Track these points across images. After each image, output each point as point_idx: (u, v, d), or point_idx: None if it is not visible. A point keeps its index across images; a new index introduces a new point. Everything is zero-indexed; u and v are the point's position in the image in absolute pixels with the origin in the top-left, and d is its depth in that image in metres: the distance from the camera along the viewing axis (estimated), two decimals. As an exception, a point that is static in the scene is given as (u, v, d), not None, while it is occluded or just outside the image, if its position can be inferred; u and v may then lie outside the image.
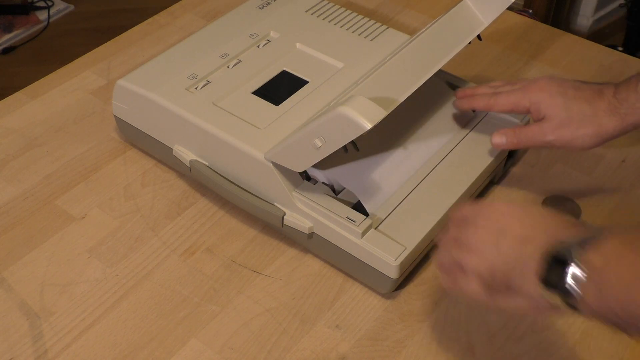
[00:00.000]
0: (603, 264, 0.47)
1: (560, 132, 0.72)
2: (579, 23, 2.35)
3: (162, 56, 0.84)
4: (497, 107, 0.76)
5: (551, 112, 0.72)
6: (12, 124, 0.89)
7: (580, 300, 0.48)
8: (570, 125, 0.72)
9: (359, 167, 0.74)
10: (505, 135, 0.75)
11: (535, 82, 0.75)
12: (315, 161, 0.66)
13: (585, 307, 0.48)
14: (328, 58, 0.83)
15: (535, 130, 0.73)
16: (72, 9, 2.48)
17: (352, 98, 0.61)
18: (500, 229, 0.55)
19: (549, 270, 0.50)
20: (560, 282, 0.49)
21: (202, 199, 0.80)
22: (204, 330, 0.68)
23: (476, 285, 0.56)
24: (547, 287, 0.50)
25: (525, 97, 0.74)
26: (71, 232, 0.77)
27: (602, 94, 0.72)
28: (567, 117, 0.72)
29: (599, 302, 0.47)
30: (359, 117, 0.59)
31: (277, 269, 0.74)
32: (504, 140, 0.75)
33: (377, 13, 1.08)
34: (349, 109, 0.60)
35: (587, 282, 0.48)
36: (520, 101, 0.75)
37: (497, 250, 0.54)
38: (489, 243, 0.55)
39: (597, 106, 0.71)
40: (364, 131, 0.60)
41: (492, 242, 0.55)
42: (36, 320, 0.69)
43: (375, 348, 0.67)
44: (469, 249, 0.56)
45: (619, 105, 0.71)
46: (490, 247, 0.54)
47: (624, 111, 0.70)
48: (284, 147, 0.67)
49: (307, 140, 0.64)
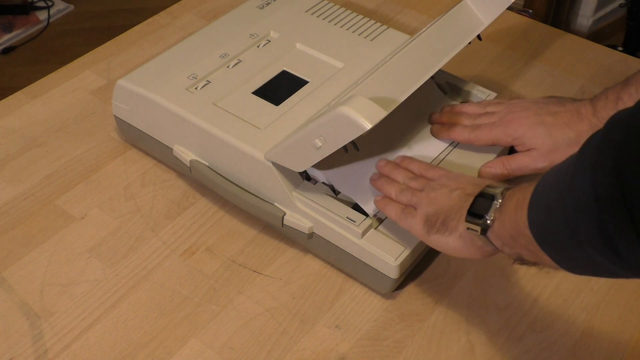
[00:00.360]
0: (508, 197, 0.58)
1: (551, 158, 0.74)
2: (579, 23, 2.35)
3: (162, 56, 0.84)
4: (478, 143, 0.78)
5: (536, 143, 0.75)
6: (12, 124, 0.89)
7: (490, 225, 0.58)
8: (558, 150, 0.74)
9: (360, 167, 0.74)
10: (494, 168, 0.76)
11: (512, 114, 0.76)
12: (316, 161, 0.66)
13: (492, 233, 0.58)
14: (328, 58, 0.83)
15: (526, 160, 0.75)
16: (72, 9, 2.48)
17: (352, 98, 0.61)
18: (459, 187, 0.65)
19: (474, 204, 0.60)
20: (482, 212, 0.59)
21: (202, 199, 0.80)
22: (204, 330, 0.68)
23: (420, 222, 0.65)
24: (471, 217, 0.60)
25: (506, 133, 0.76)
26: (71, 232, 0.77)
27: (581, 115, 0.73)
28: (552, 144, 0.74)
29: (500, 225, 0.57)
30: (359, 117, 0.59)
31: (277, 269, 0.74)
32: (493, 171, 0.76)
33: (377, 13, 1.08)
34: (349, 109, 0.60)
35: (496, 211, 0.58)
36: (501, 138, 0.76)
37: (448, 199, 0.64)
38: (445, 194, 0.65)
39: (579, 129, 0.73)
40: (364, 131, 0.60)
41: (447, 194, 0.65)
42: (36, 320, 0.69)
43: (375, 348, 0.67)
44: (428, 198, 0.66)
45: (599, 123, 0.71)
46: (445, 196, 0.65)
47: None
48: (284, 147, 0.67)
49: (307, 140, 0.64)
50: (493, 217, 0.58)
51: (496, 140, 0.77)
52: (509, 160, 0.76)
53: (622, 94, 0.71)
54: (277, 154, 0.69)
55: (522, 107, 0.77)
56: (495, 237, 0.58)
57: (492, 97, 0.84)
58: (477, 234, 0.59)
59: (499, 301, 0.71)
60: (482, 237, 0.59)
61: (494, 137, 0.76)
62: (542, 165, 0.75)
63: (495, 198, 0.59)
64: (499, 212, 0.58)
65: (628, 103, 0.70)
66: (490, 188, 0.61)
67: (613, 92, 0.72)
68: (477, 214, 0.59)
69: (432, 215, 0.64)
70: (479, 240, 0.60)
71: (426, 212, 0.65)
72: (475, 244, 0.61)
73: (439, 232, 0.63)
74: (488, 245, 0.59)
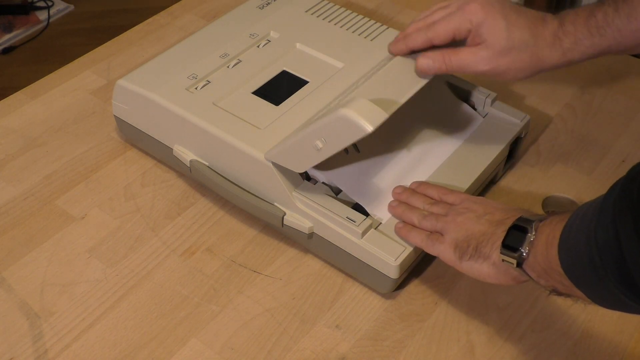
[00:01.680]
0: (539, 232, 0.58)
1: (497, 62, 0.67)
2: (579, 23, 2.35)
3: (162, 56, 0.83)
4: (438, 40, 0.69)
5: (491, 37, 0.67)
6: (12, 124, 0.89)
7: (525, 258, 0.58)
8: (509, 54, 0.67)
9: (360, 168, 0.74)
10: (432, 59, 0.69)
11: (473, 1, 0.68)
12: (316, 162, 0.66)
13: (527, 265, 0.58)
14: (328, 58, 0.83)
15: (470, 59, 0.68)
16: (72, 9, 2.47)
17: (353, 100, 0.61)
18: (486, 212, 0.65)
19: (508, 236, 0.60)
20: (516, 245, 0.59)
21: (202, 199, 0.80)
22: (204, 330, 0.68)
23: (449, 248, 0.65)
24: (505, 250, 0.59)
25: (465, 18, 0.68)
26: (71, 232, 0.77)
27: (546, 22, 0.68)
28: (507, 45, 0.67)
29: (534, 259, 0.57)
30: (360, 119, 0.59)
31: (277, 269, 0.74)
32: (430, 63, 0.69)
33: (377, 13, 1.08)
34: (351, 111, 0.60)
35: (529, 244, 0.58)
36: (461, 25, 0.68)
37: (477, 224, 0.64)
38: (473, 219, 0.64)
39: (539, 35, 0.67)
40: (365, 134, 0.60)
41: (476, 220, 0.64)
42: (36, 320, 0.69)
43: (375, 348, 0.67)
44: (455, 223, 0.65)
45: (563, 37, 0.67)
46: (474, 222, 0.64)
47: (568, 46, 0.67)
48: (285, 148, 0.67)
49: (308, 141, 0.64)
50: (527, 250, 0.58)
51: (455, 29, 0.68)
52: (450, 55, 0.68)
53: (595, 12, 0.66)
54: (277, 154, 0.69)
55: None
56: (531, 270, 0.58)
57: (492, 97, 0.83)
58: (512, 266, 0.59)
59: (499, 301, 0.71)
60: (517, 269, 0.59)
61: (452, 27, 0.68)
62: (484, 69, 0.68)
63: (528, 231, 0.58)
64: (532, 245, 0.58)
65: (601, 22, 0.65)
66: (523, 221, 0.60)
67: (585, 10, 0.67)
68: (512, 247, 0.59)
69: (463, 241, 0.64)
70: (515, 271, 0.60)
71: (455, 237, 0.64)
72: (511, 274, 0.61)
73: (471, 258, 0.63)
74: (523, 275, 0.60)
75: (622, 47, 0.66)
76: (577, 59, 0.67)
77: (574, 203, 0.81)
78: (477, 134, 0.80)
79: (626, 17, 0.65)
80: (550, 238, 0.55)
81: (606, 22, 0.65)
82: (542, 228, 0.58)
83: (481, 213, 0.65)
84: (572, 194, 0.82)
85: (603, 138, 0.89)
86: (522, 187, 0.83)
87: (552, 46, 0.67)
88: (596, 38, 0.66)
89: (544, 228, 0.57)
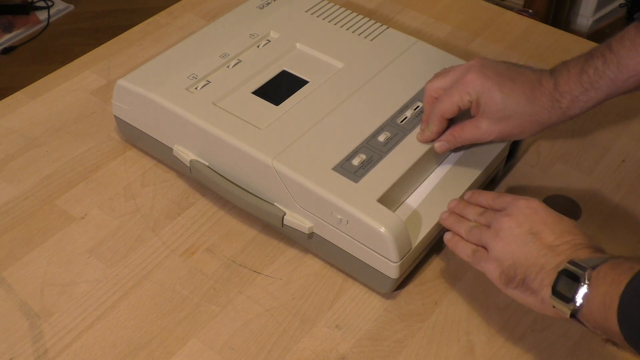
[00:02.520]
0: (594, 285, 0.55)
1: (499, 129, 0.71)
2: (579, 23, 2.35)
3: (162, 56, 0.84)
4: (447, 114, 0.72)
5: (489, 108, 0.70)
6: (12, 124, 0.89)
7: (579, 309, 0.56)
8: (509, 121, 0.70)
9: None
10: (446, 141, 0.73)
11: (469, 72, 0.70)
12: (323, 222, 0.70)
13: (582, 316, 0.56)
14: (328, 58, 0.83)
15: (474, 132, 0.72)
16: (72, 9, 2.48)
17: (395, 221, 0.66)
18: (532, 231, 0.61)
19: (558, 281, 0.57)
20: (568, 294, 0.56)
21: (202, 199, 0.80)
22: (204, 330, 0.68)
23: (495, 269, 0.62)
24: (557, 297, 0.57)
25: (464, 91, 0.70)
26: (71, 232, 0.77)
27: (542, 85, 0.69)
28: (504, 115, 0.70)
29: (588, 312, 0.55)
30: (393, 247, 0.66)
31: (277, 269, 0.74)
32: (445, 145, 0.74)
33: (377, 13, 1.08)
34: (390, 234, 0.65)
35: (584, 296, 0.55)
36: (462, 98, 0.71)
37: (524, 248, 0.61)
38: (519, 240, 0.61)
39: (536, 101, 0.69)
40: (387, 261, 0.66)
41: (522, 239, 0.61)
42: (36, 320, 0.69)
43: (375, 348, 0.67)
44: (500, 237, 0.62)
45: (560, 98, 0.68)
46: (520, 244, 0.61)
47: (566, 105, 0.68)
48: (301, 182, 0.69)
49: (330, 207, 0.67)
50: (582, 301, 0.55)
51: (459, 101, 0.71)
52: (459, 132, 0.73)
53: (586, 68, 0.67)
54: (287, 167, 0.70)
55: (479, 65, 0.71)
56: (586, 321, 0.56)
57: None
58: (565, 315, 0.57)
59: (499, 301, 0.71)
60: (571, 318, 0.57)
61: (455, 100, 0.71)
62: (492, 138, 0.72)
63: (581, 280, 0.55)
64: (586, 299, 0.55)
65: (593, 77, 0.66)
66: (575, 265, 0.57)
67: (576, 66, 0.68)
68: (564, 296, 0.56)
69: (509, 267, 0.61)
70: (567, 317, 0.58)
71: (501, 259, 0.62)
72: (562, 316, 0.58)
73: (518, 288, 0.61)
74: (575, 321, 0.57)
75: (620, 93, 0.68)
76: (578, 113, 0.69)
77: (574, 203, 0.81)
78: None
79: (616, 67, 0.66)
80: (608, 301, 0.53)
81: (598, 76, 0.67)
82: (596, 281, 0.55)
83: (526, 229, 0.61)
84: (572, 194, 0.82)
85: (603, 138, 0.89)
86: (522, 187, 0.83)
87: (552, 110, 0.69)
88: (592, 92, 0.67)
89: (600, 283, 0.54)
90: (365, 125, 0.75)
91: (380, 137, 0.74)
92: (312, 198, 0.69)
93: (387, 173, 0.70)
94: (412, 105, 0.78)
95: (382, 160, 0.72)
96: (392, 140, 0.74)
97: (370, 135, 0.74)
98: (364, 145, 0.73)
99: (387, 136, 0.74)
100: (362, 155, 0.71)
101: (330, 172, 0.70)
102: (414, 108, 0.78)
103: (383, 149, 0.73)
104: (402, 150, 0.73)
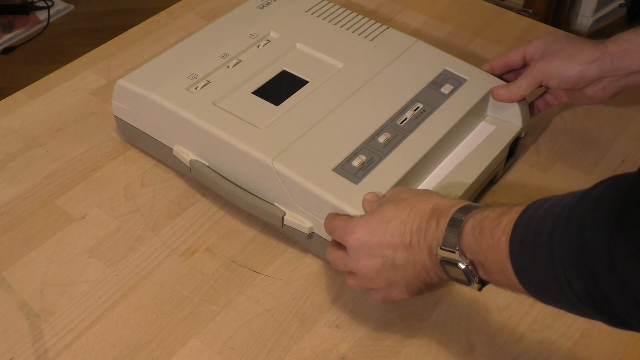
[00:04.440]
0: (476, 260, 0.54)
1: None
2: (579, 23, 2.35)
3: (162, 56, 0.84)
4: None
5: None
6: (12, 124, 0.89)
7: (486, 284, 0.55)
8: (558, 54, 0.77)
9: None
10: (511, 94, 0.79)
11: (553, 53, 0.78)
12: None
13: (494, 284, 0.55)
14: (328, 58, 0.83)
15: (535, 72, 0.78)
16: (72, 9, 2.48)
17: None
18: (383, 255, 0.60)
19: (449, 272, 0.56)
20: (462, 278, 0.55)
21: (202, 199, 0.80)
22: (204, 330, 0.68)
23: (401, 293, 0.62)
24: (458, 283, 0.56)
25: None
26: (71, 232, 0.77)
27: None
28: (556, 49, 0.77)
29: (495, 282, 0.54)
30: None
31: (277, 269, 0.74)
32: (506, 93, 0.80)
33: (377, 13, 1.08)
34: None
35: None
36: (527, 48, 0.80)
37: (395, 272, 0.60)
38: (383, 270, 0.60)
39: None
40: None
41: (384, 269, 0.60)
42: (36, 320, 0.69)
43: (375, 348, 0.67)
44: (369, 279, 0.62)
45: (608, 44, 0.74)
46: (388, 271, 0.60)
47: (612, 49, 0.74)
48: (301, 183, 0.69)
49: (331, 208, 0.67)
50: (479, 278, 0.55)
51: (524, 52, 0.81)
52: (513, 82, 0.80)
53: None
54: (287, 167, 0.69)
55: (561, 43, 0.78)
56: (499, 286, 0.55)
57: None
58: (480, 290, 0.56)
59: (499, 301, 0.71)
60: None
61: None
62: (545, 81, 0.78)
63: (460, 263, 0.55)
64: (476, 273, 0.55)
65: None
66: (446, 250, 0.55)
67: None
68: (462, 280, 0.56)
69: (410, 288, 0.61)
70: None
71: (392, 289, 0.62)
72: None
73: (429, 289, 0.62)
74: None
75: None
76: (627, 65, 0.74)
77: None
78: (477, 134, 0.80)
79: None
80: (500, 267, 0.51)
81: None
82: (474, 256, 0.54)
83: (379, 262, 0.60)
84: (572, 194, 0.82)
85: (603, 138, 0.89)
86: (522, 187, 0.83)
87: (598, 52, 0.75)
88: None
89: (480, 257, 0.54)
90: (366, 126, 0.75)
91: (380, 138, 0.74)
92: (312, 199, 0.69)
93: (387, 174, 0.70)
94: (412, 106, 0.78)
95: (382, 161, 0.72)
96: (392, 142, 0.74)
97: (370, 136, 0.74)
98: (364, 147, 0.73)
99: (387, 137, 0.74)
100: (362, 156, 0.71)
101: (330, 174, 0.70)
102: (414, 109, 0.78)
103: (383, 150, 0.73)
104: (402, 152, 0.73)
